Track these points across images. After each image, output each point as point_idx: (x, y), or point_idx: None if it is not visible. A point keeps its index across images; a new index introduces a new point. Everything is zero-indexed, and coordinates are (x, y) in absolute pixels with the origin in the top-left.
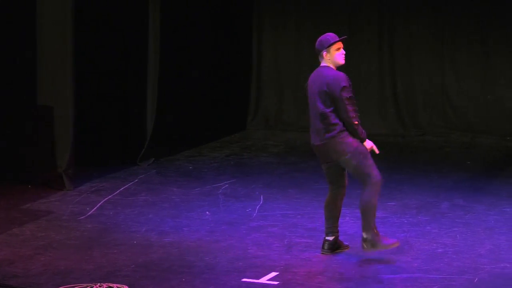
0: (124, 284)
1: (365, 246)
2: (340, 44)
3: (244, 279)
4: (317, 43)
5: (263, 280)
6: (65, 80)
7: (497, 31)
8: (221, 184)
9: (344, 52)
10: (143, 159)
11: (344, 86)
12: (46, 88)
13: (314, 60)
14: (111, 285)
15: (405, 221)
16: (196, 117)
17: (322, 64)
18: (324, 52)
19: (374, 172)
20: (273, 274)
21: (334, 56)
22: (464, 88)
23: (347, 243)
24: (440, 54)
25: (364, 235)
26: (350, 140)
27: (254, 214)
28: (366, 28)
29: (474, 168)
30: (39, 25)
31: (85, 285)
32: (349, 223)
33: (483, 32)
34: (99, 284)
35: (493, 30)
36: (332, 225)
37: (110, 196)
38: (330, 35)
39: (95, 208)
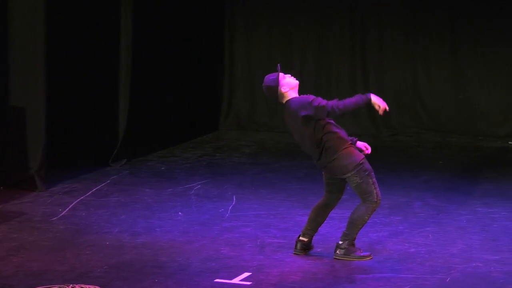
0: (96, 285)
1: (338, 252)
2: (282, 74)
3: (217, 280)
4: (265, 91)
5: (236, 280)
6: (37, 80)
7: (468, 32)
8: (193, 184)
9: (290, 75)
10: (115, 159)
11: (312, 99)
12: (18, 88)
13: (286, 61)
14: (83, 286)
15: (377, 221)
16: (168, 117)
17: (284, 100)
18: (279, 88)
19: (376, 191)
20: (246, 274)
21: (287, 83)
22: (436, 88)
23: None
24: (412, 55)
25: (340, 242)
26: (354, 156)
27: (227, 215)
28: (338, 28)
29: (446, 167)
30: (10, 26)
31: (57, 286)
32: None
33: (454, 32)
34: (71, 285)
35: (464, 31)
36: (312, 229)
37: (82, 197)
38: (270, 75)
39: (68, 209)
